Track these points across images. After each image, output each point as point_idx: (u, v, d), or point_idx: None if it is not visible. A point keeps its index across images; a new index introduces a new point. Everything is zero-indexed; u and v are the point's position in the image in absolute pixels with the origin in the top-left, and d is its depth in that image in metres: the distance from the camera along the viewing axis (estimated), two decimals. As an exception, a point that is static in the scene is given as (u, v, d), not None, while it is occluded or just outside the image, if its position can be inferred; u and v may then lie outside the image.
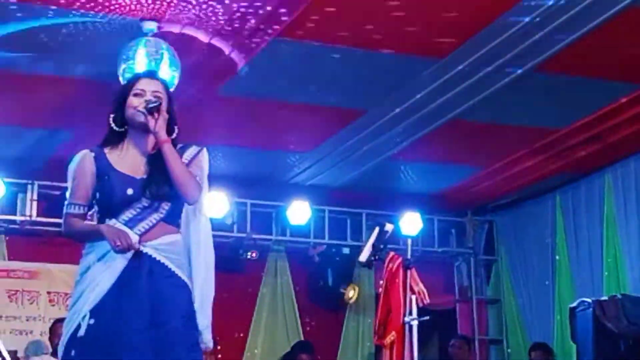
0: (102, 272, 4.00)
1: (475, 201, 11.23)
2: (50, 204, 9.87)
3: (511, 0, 6.32)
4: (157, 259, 4.05)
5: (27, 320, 9.81)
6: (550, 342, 10.29)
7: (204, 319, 4.19)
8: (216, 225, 9.80)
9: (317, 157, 9.42)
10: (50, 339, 8.92)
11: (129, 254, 3.98)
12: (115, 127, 4.16)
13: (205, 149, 4.24)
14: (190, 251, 4.21)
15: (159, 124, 4.06)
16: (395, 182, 10.27)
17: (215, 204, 9.90)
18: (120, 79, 6.50)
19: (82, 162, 4.13)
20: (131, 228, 4.03)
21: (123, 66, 6.54)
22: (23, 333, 9.69)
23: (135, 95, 4.14)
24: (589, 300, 8.86)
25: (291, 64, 7.29)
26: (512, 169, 9.75)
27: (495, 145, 9.13)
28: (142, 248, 4.02)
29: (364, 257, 7.22)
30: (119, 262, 3.99)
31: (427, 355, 11.41)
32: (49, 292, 9.93)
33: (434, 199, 10.72)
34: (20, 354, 8.99)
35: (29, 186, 9.75)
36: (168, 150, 4.06)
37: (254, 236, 10.70)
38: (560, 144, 8.99)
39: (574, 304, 9.13)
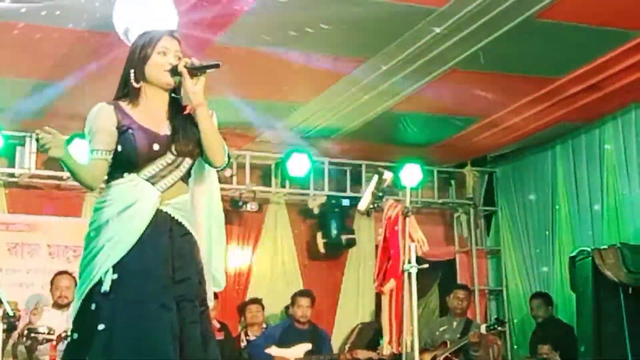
0: (124, 228, 4.05)
1: (474, 152, 11.23)
2: (49, 157, 9.86)
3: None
4: (176, 218, 4.17)
5: (28, 273, 9.83)
6: (550, 291, 10.33)
7: (222, 270, 4.41)
8: (215, 177, 9.94)
9: (317, 108, 9.37)
10: (50, 291, 8.95)
11: (150, 213, 4.07)
12: (134, 84, 4.19)
13: (214, 112, 4.29)
14: (200, 207, 4.33)
15: (198, 86, 4.14)
16: (395, 133, 10.23)
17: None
18: (117, 27, 6.46)
19: (101, 113, 4.15)
20: (153, 184, 4.12)
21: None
22: (23, 286, 9.72)
23: (159, 53, 4.19)
24: (588, 249, 8.89)
25: (289, 12, 7.23)
26: (511, 119, 9.70)
27: (495, 95, 9.07)
28: (162, 207, 4.12)
29: (363, 205, 7.22)
30: (141, 220, 4.07)
31: (427, 306, 11.46)
32: (49, 245, 9.95)
33: (433, 150, 10.70)
34: (21, 306, 9.02)
35: (28, 139, 9.72)
36: (205, 113, 4.17)
37: (253, 188, 10.71)
38: (560, 93, 8.93)
39: (574, 254, 9.16)
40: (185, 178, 4.24)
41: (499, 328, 9.73)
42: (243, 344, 9.94)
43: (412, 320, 6.85)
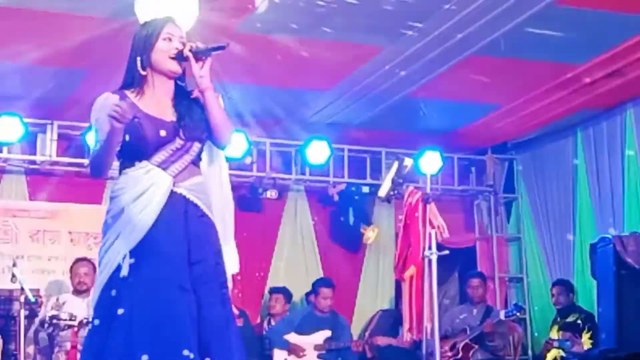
0: (139, 214, 4.09)
1: (495, 139, 11.19)
2: (70, 144, 9.91)
3: None
4: (191, 199, 4.20)
5: (49, 260, 9.88)
6: (570, 279, 10.31)
7: (233, 251, 4.40)
8: (235, 165, 10.07)
9: (336, 95, 9.38)
10: (70, 278, 8.99)
11: (164, 197, 4.11)
12: (141, 71, 4.20)
13: (220, 95, 4.30)
14: (212, 190, 4.33)
15: (205, 69, 4.16)
16: (415, 120, 10.21)
17: (234, 143, 9.92)
18: (137, 13, 6.47)
19: (107, 103, 4.12)
20: (164, 169, 4.15)
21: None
22: (45, 272, 9.78)
23: (165, 40, 4.20)
24: (609, 236, 8.86)
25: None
26: (532, 105, 9.67)
27: (516, 81, 9.05)
28: (176, 189, 4.16)
29: (383, 192, 7.22)
30: (155, 204, 4.10)
31: (447, 293, 11.46)
32: (70, 232, 9.99)
33: (453, 136, 10.67)
34: (42, 293, 9.06)
35: (49, 126, 9.76)
36: (212, 96, 4.19)
37: (273, 175, 10.71)
38: (581, 79, 8.90)
39: (595, 240, 9.13)
40: (196, 162, 4.27)
41: (518, 314, 9.69)
42: (265, 332, 9.98)
43: (432, 306, 6.85)
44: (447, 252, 7.08)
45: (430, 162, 10.45)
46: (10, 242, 9.79)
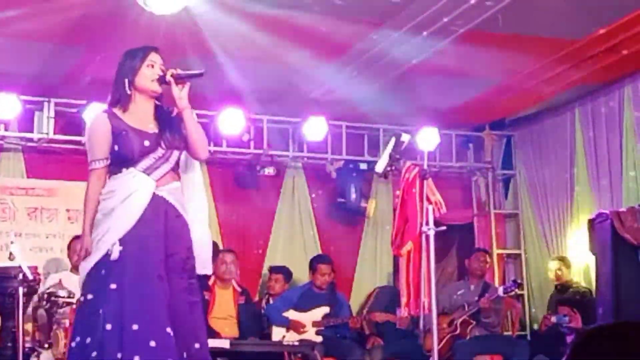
0: (127, 211, 4.94)
1: (493, 115, 11.17)
2: (67, 121, 9.88)
3: None
4: (170, 201, 5.06)
5: (47, 237, 9.89)
6: (568, 254, 10.32)
7: (208, 251, 5.28)
8: (233, 142, 10.03)
9: (334, 72, 9.33)
10: (68, 255, 9.00)
11: (148, 198, 4.95)
12: (128, 91, 5.02)
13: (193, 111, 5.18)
14: (187, 194, 5.21)
15: (184, 92, 4.99)
16: (413, 97, 10.17)
17: (231, 120, 9.92)
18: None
19: (97, 123, 5.10)
20: (148, 175, 4.99)
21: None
22: (43, 250, 9.79)
23: (148, 66, 5.05)
24: (607, 211, 8.86)
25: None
26: (530, 81, 9.64)
27: (514, 57, 9.01)
28: (157, 192, 5.00)
29: (380, 167, 7.20)
30: (141, 203, 4.96)
31: (445, 269, 11.46)
32: (67, 210, 9.99)
33: (451, 113, 10.64)
34: (40, 270, 9.05)
35: (46, 104, 9.73)
36: (190, 115, 5.05)
37: (271, 152, 10.69)
38: (579, 55, 8.87)
39: (592, 216, 9.14)
40: (175, 168, 5.13)
41: (516, 291, 9.70)
42: (263, 310, 9.98)
43: (430, 282, 6.85)
44: (444, 228, 7.07)
45: (428, 138, 10.44)
46: (8, 220, 9.80)
